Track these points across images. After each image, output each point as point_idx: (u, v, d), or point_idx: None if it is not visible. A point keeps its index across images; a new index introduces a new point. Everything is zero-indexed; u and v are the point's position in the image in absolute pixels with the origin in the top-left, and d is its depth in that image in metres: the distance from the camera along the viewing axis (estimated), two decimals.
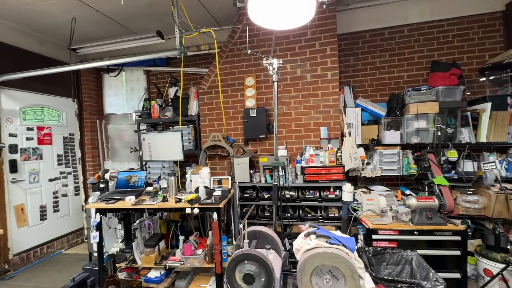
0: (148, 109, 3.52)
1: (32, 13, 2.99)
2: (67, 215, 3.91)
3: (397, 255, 1.74)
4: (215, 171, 3.30)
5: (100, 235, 2.39)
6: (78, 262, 3.29)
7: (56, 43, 3.80)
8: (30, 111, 3.50)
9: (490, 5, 2.91)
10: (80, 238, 4.09)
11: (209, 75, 3.29)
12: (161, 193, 2.54)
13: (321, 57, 2.94)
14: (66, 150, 3.93)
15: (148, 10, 3.06)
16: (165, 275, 2.52)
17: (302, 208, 2.75)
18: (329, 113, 2.94)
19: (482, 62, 2.98)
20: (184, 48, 2.45)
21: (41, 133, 3.58)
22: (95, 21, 3.26)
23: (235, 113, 3.22)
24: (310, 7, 1.21)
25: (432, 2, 3.02)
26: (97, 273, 2.45)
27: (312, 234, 1.21)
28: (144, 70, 4.16)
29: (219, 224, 2.21)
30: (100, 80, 4.42)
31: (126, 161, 4.18)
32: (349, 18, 3.21)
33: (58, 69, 3.17)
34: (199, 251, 2.39)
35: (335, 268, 1.04)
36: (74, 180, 4.02)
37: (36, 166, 3.51)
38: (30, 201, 3.41)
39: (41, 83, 3.58)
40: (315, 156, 2.72)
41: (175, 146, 2.98)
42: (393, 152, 2.75)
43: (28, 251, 3.36)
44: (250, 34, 3.02)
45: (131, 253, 2.57)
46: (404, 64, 3.21)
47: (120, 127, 4.22)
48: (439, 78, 2.78)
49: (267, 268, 1.10)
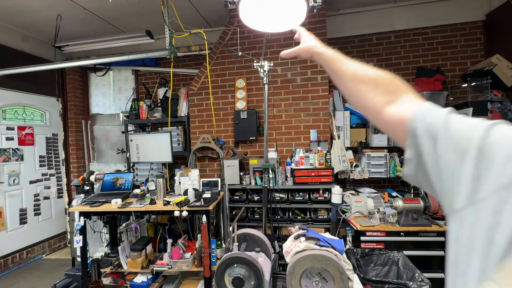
0: (136, 110, 3.45)
1: (15, 8, 2.88)
2: (49, 218, 3.76)
3: (384, 256, 1.77)
4: (204, 173, 3.27)
5: (84, 239, 2.31)
6: (60, 268, 3.17)
7: (40, 40, 3.67)
8: (10, 110, 3.36)
9: (471, 14, 3.04)
10: (62, 243, 3.94)
11: (200, 76, 3.27)
12: (149, 196, 2.48)
13: (311, 60, 2.98)
14: (49, 151, 3.78)
15: (138, 9, 3.01)
16: (152, 280, 2.46)
17: (291, 210, 2.76)
18: (319, 116, 2.98)
19: (464, 69, 3.10)
20: (174, 49, 2.42)
21: (22, 133, 3.43)
22: (81, 19, 3.17)
23: (226, 115, 3.20)
24: (301, 11, 1.23)
25: (417, 10, 3.13)
26: (81, 278, 2.36)
27: (301, 237, 1.21)
28: (133, 70, 4.08)
29: (208, 227, 2.18)
30: (86, 79, 4.30)
31: (112, 162, 4.07)
32: (338, 23, 3.27)
33: (42, 67, 3.06)
34: (188, 254, 2.35)
35: (324, 270, 1.05)
36: (57, 182, 3.88)
37: (17, 167, 3.36)
38: (9, 204, 3.26)
39: (23, 81, 3.44)
40: (305, 158, 2.74)
41: (164, 147, 2.93)
42: (380, 155, 2.81)
43: (6, 256, 3.20)
44: (241, 36, 3.02)
45: (116, 258, 2.50)
46: (391, 69, 3.27)
47: (107, 127, 4.11)
48: (424, 83, 2.87)
49: (257, 271, 1.09)
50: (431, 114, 0.42)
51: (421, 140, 0.40)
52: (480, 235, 0.32)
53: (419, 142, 0.41)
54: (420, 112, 0.43)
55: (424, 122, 0.41)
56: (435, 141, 0.38)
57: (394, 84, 0.53)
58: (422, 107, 0.45)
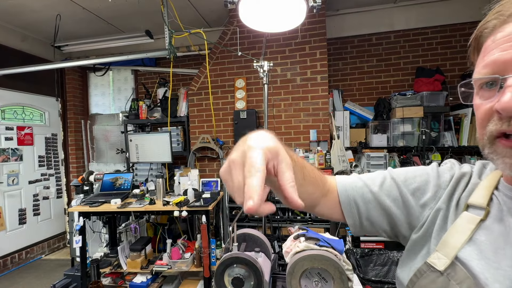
0: (136, 110, 3.45)
1: (14, 8, 2.87)
2: (49, 218, 3.75)
3: (384, 256, 1.77)
4: (204, 173, 3.26)
5: (83, 239, 2.30)
6: (60, 268, 3.16)
7: (40, 40, 3.66)
8: (9, 110, 3.35)
9: (471, 14, 3.05)
10: (62, 243, 3.93)
11: (199, 76, 3.27)
12: (148, 196, 2.48)
13: (310, 60, 2.98)
14: (48, 151, 3.78)
15: (137, 9, 3.00)
16: (151, 280, 2.45)
17: (291, 210, 2.76)
18: (319, 116, 2.97)
19: (463, 69, 3.10)
20: (173, 49, 2.42)
21: (21, 133, 3.43)
22: (81, 19, 3.17)
23: (225, 115, 3.20)
24: (301, 10, 1.23)
25: (417, 10, 3.13)
26: (80, 279, 2.36)
27: (301, 237, 1.21)
28: (132, 70, 4.07)
29: (208, 227, 2.18)
30: (86, 79, 4.29)
31: (112, 162, 4.06)
32: (338, 23, 3.27)
33: (41, 67, 3.06)
34: (187, 254, 2.35)
35: (324, 270, 1.05)
36: (57, 182, 3.87)
37: (16, 167, 3.36)
38: (8, 204, 3.25)
39: (23, 81, 3.43)
40: (305, 158, 2.74)
41: (163, 147, 2.92)
42: (380, 155, 2.81)
43: (5, 257, 3.19)
44: (240, 36, 3.02)
45: (116, 258, 2.49)
46: (391, 70, 3.30)
47: (106, 127, 4.11)
48: (423, 83, 2.87)
49: (257, 272, 1.09)
50: (350, 187, 0.54)
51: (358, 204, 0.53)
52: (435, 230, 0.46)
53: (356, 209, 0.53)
54: (342, 189, 0.54)
55: (352, 193, 0.53)
56: (371, 199, 0.51)
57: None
58: (340, 184, 0.55)
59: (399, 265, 0.52)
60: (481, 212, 0.41)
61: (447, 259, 0.40)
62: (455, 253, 0.40)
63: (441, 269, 0.40)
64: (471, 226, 0.41)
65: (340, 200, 0.53)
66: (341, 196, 0.53)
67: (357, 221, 0.53)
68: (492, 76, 0.37)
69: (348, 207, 0.53)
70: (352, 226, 0.54)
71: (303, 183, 0.48)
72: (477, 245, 0.40)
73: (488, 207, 0.41)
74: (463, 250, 0.40)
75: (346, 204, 0.53)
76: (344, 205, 0.53)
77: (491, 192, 0.43)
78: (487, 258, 0.38)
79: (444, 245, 0.42)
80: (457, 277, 0.39)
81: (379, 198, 0.51)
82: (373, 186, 0.52)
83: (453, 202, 0.46)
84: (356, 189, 0.53)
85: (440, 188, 0.48)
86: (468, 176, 0.47)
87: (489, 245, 0.39)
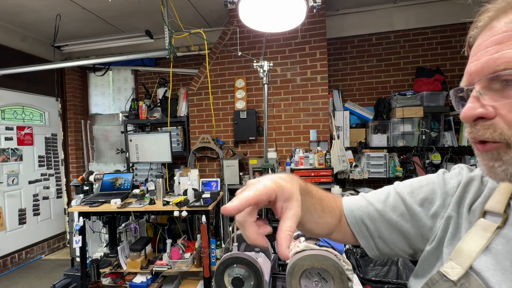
0: (136, 110, 3.45)
1: (14, 7, 2.87)
2: (48, 218, 3.75)
3: None
4: (204, 173, 3.26)
5: (83, 239, 2.30)
6: (60, 268, 3.16)
7: (39, 40, 3.66)
8: (9, 110, 3.35)
9: (471, 14, 3.04)
10: (62, 243, 3.93)
11: (199, 76, 3.26)
12: (148, 196, 2.48)
13: (310, 60, 2.98)
14: (48, 151, 3.78)
15: (137, 8, 3.00)
16: (151, 280, 2.45)
17: None
18: (318, 116, 2.97)
19: (463, 69, 3.08)
20: (173, 49, 2.42)
21: (21, 133, 3.43)
22: (81, 19, 3.17)
23: (225, 115, 3.20)
24: (301, 10, 1.23)
25: (417, 10, 3.13)
26: (80, 279, 2.36)
27: (301, 237, 1.21)
28: (132, 69, 4.07)
29: (208, 227, 2.18)
30: (86, 79, 4.29)
31: (112, 162, 4.06)
32: (338, 23, 3.27)
33: (41, 67, 3.05)
34: (187, 254, 2.35)
35: (324, 270, 1.05)
36: (57, 182, 3.87)
37: (16, 167, 3.35)
38: (8, 204, 3.25)
39: (23, 81, 3.43)
40: (305, 158, 2.74)
41: (163, 147, 2.92)
42: (380, 155, 2.81)
43: (5, 257, 3.19)
44: (240, 36, 3.01)
45: (116, 258, 2.49)
46: (391, 70, 3.30)
47: (106, 127, 4.11)
48: (423, 83, 2.87)
49: (257, 272, 1.09)
50: (356, 207, 0.54)
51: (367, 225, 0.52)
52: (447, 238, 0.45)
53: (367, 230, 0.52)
54: (348, 209, 0.54)
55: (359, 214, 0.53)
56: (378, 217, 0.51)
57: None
58: (346, 206, 0.55)
59: (411, 277, 0.50)
60: (498, 219, 0.39)
61: (461, 269, 0.38)
62: (470, 262, 0.38)
63: (454, 279, 0.39)
64: (488, 234, 0.39)
65: (348, 221, 0.53)
66: (348, 217, 0.53)
67: (370, 241, 0.52)
68: (459, 88, 0.40)
69: (357, 227, 0.52)
70: (368, 248, 0.53)
71: (322, 215, 0.50)
72: (493, 254, 0.38)
73: (506, 213, 0.39)
74: (478, 259, 0.38)
75: (354, 224, 0.52)
76: (353, 226, 0.53)
77: (508, 197, 0.40)
78: (503, 269, 0.36)
79: (458, 254, 0.40)
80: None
81: (384, 214, 0.50)
82: (377, 203, 0.51)
83: (463, 208, 0.44)
84: (361, 209, 0.52)
85: (448, 196, 0.46)
86: (479, 180, 0.45)
87: (506, 254, 0.37)
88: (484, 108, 0.35)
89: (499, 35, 0.35)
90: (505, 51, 0.33)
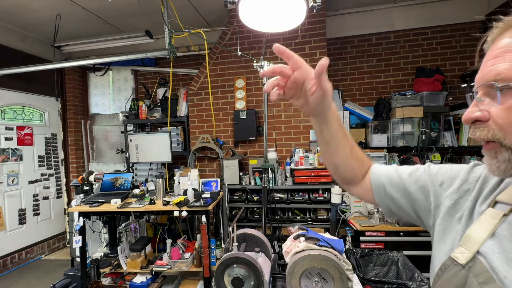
0: (136, 110, 3.45)
1: (14, 7, 2.87)
2: (48, 218, 3.75)
3: (384, 256, 1.77)
4: (204, 173, 3.26)
5: (83, 239, 2.30)
6: (59, 268, 3.16)
7: (39, 40, 3.66)
8: (9, 110, 3.35)
9: (471, 15, 3.05)
10: (62, 243, 3.93)
11: (199, 76, 3.26)
12: (148, 196, 2.48)
13: (310, 60, 2.98)
14: (48, 151, 3.78)
15: (137, 9, 3.00)
16: (151, 280, 2.45)
17: (291, 210, 2.76)
18: None
19: (463, 69, 3.10)
20: (173, 49, 2.42)
21: (21, 133, 3.43)
22: (81, 19, 3.17)
23: (225, 115, 3.20)
24: (301, 10, 1.23)
25: (417, 11, 3.13)
26: (80, 279, 2.36)
27: (301, 237, 1.21)
28: (132, 69, 4.07)
29: (208, 227, 2.18)
30: (86, 79, 4.29)
31: (112, 162, 4.06)
32: (338, 23, 3.27)
33: (41, 67, 3.05)
34: (187, 254, 2.35)
35: (324, 270, 1.05)
36: (57, 182, 3.87)
37: (16, 167, 3.36)
38: (8, 205, 3.25)
39: (23, 81, 3.43)
40: (305, 158, 2.74)
41: (163, 147, 2.92)
42: (380, 155, 2.81)
43: (5, 257, 3.19)
44: (240, 36, 3.02)
45: (116, 258, 2.49)
46: (391, 70, 3.30)
47: (106, 127, 4.11)
48: (423, 83, 2.87)
49: (256, 272, 1.09)
50: (384, 171, 0.64)
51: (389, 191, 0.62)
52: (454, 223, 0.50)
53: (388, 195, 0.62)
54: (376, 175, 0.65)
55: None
56: (400, 187, 0.60)
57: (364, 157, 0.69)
58: (374, 168, 0.67)
59: (433, 252, 0.56)
60: (506, 208, 0.43)
61: (469, 253, 0.43)
62: (478, 247, 0.42)
63: (463, 263, 0.43)
64: (495, 221, 0.43)
65: (371, 180, 0.63)
66: (372, 176, 0.64)
67: (384, 200, 0.62)
68: (469, 94, 0.47)
69: (377, 187, 0.62)
70: (384, 208, 0.63)
71: (350, 156, 0.63)
72: (498, 239, 0.41)
73: None
74: (485, 244, 0.42)
75: (375, 184, 0.63)
76: (373, 185, 0.63)
77: None
78: (507, 252, 0.40)
79: (467, 240, 0.44)
80: (476, 270, 0.41)
81: (405, 183, 0.58)
82: (403, 173, 0.60)
83: (480, 198, 0.48)
84: (387, 174, 0.62)
85: (466, 182, 0.51)
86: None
87: (510, 239, 0.40)
88: (481, 112, 0.41)
89: (497, 50, 0.41)
90: (496, 65, 0.40)
